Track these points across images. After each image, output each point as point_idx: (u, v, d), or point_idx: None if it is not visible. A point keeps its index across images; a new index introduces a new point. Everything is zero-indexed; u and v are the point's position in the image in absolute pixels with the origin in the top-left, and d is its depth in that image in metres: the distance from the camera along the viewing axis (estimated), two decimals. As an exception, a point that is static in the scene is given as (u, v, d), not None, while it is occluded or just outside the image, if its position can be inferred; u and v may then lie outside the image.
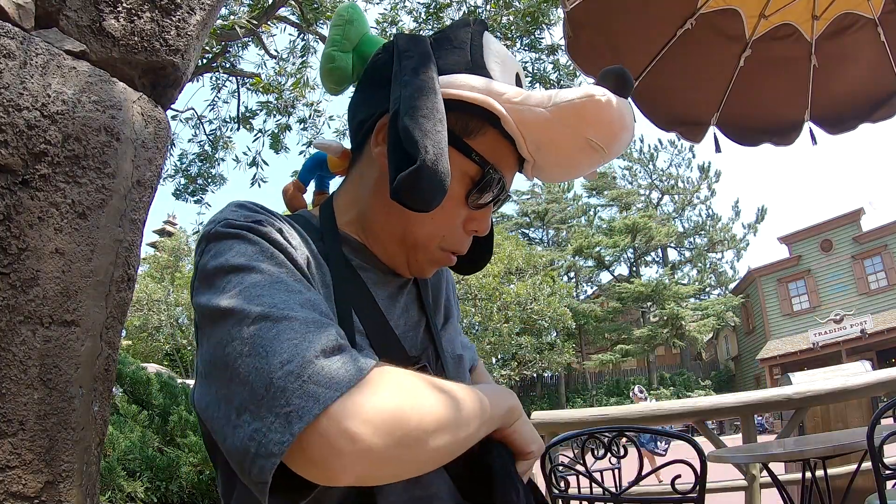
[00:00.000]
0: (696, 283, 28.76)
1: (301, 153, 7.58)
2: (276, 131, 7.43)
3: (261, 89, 7.10)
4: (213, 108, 7.42)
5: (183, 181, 7.61)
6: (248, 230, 0.59)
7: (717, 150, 2.75)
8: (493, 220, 0.89)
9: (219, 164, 7.66)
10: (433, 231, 0.72)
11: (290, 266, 0.57)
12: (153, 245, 26.81)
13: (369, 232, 0.77)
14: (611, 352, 26.40)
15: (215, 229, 0.59)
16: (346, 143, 0.87)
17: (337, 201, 0.79)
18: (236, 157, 7.48)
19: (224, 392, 0.48)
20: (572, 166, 0.73)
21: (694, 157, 31.31)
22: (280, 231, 0.61)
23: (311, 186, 0.95)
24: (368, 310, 0.69)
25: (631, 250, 29.98)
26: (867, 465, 2.00)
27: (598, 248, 29.28)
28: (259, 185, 7.34)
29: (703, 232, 30.39)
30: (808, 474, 2.31)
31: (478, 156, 0.70)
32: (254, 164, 7.32)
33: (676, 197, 31.20)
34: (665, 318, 26.00)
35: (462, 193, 0.71)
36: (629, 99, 0.75)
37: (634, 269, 30.85)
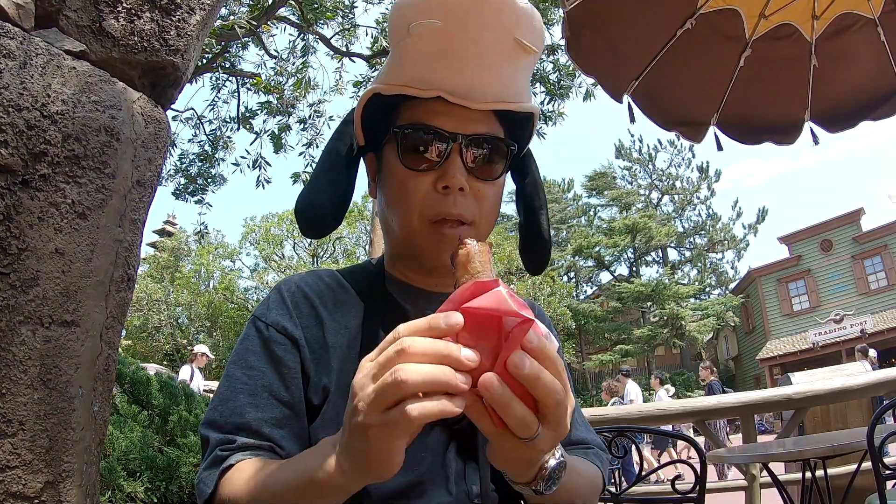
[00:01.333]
0: (696, 283, 28.72)
1: (301, 154, 7.58)
2: (276, 131, 7.43)
3: (262, 90, 7.10)
4: (213, 108, 7.42)
5: (183, 181, 7.60)
6: (253, 328, 0.79)
7: (719, 148, 2.75)
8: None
9: (219, 165, 7.65)
10: (407, 209, 0.76)
11: (259, 362, 0.75)
12: (153, 245, 26.80)
13: (395, 259, 0.85)
14: (611, 352, 26.37)
15: (251, 319, 0.80)
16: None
17: None
18: (236, 160, 7.47)
19: None
20: (456, 59, 0.71)
21: (694, 156, 31.23)
22: (275, 324, 0.77)
23: None
24: None
25: (631, 250, 29.95)
26: (867, 465, 2.00)
27: (598, 248, 29.24)
28: (263, 187, 7.33)
29: (703, 232, 30.36)
30: (808, 474, 2.31)
31: (396, 127, 0.76)
32: (256, 165, 7.30)
33: (676, 197, 31.16)
34: (665, 318, 25.97)
35: (398, 163, 0.76)
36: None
37: (634, 269, 30.82)
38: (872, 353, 8.18)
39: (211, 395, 0.86)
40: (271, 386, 0.73)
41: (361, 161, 0.89)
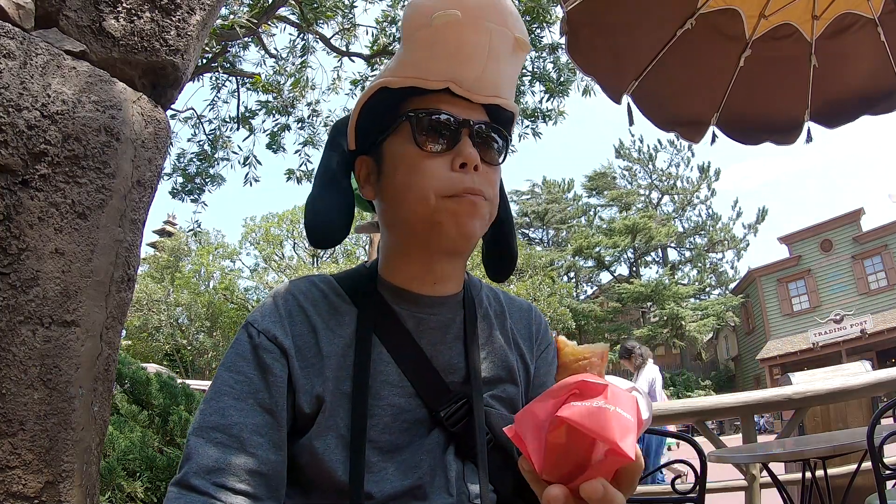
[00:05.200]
0: (696, 283, 28.73)
1: (297, 152, 7.59)
2: (275, 131, 7.43)
3: (260, 89, 7.10)
4: (212, 108, 7.42)
5: (180, 180, 7.60)
6: (245, 333, 0.78)
7: (713, 141, 2.75)
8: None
9: (218, 164, 7.65)
10: (424, 187, 0.77)
11: (248, 368, 0.76)
12: (153, 245, 26.81)
13: (395, 258, 0.85)
14: (611, 352, 26.35)
15: (244, 324, 0.80)
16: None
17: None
18: (227, 155, 7.48)
19: None
20: (471, 51, 0.75)
21: (693, 156, 31.23)
22: (266, 332, 0.77)
23: None
24: (404, 346, 0.80)
25: (631, 250, 29.95)
26: (867, 464, 2.00)
27: (597, 249, 29.24)
28: (251, 185, 7.33)
29: (703, 232, 30.35)
30: (808, 474, 2.31)
31: (409, 112, 0.78)
32: (247, 162, 7.31)
33: (676, 197, 31.16)
34: (665, 318, 25.98)
35: (413, 146, 0.78)
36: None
37: (634, 269, 30.82)
38: None
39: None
40: (257, 393, 0.73)
41: None
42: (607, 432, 0.46)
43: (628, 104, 2.59)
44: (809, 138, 2.68)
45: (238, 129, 7.42)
